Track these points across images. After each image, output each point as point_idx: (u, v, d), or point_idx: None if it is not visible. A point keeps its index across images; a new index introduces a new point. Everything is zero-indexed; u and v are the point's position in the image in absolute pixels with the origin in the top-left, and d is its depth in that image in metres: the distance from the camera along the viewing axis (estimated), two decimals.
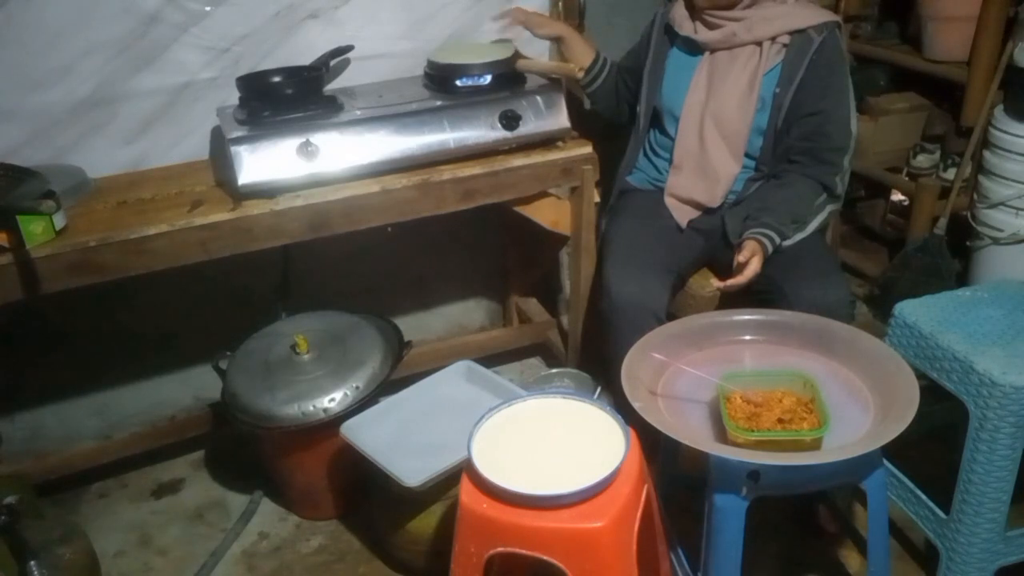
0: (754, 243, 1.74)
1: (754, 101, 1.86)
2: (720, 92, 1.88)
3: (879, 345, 1.58)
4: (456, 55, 2.02)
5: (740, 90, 1.86)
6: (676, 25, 1.93)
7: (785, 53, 1.85)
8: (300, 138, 1.79)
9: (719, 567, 1.44)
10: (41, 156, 1.86)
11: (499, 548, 1.25)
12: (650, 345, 1.59)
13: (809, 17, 1.84)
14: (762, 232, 1.76)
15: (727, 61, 1.88)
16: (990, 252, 2.38)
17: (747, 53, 1.86)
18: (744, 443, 1.35)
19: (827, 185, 1.85)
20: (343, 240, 1.89)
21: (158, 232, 1.69)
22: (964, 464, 1.56)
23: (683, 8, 1.94)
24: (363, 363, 1.91)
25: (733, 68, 1.87)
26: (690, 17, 1.93)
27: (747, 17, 1.84)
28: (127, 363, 2.21)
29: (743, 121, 1.87)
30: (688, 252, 1.94)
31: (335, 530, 2.01)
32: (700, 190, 1.93)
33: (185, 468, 2.25)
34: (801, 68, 1.83)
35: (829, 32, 1.84)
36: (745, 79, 1.86)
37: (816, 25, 1.83)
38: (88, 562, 1.73)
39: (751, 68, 1.86)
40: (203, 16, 1.90)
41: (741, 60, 1.87)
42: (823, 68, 1.83)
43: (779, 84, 1.85)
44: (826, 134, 1.84)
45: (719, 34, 1.87)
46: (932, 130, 2.77)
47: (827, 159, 1.85)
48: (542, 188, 2.02)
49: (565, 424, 1.38)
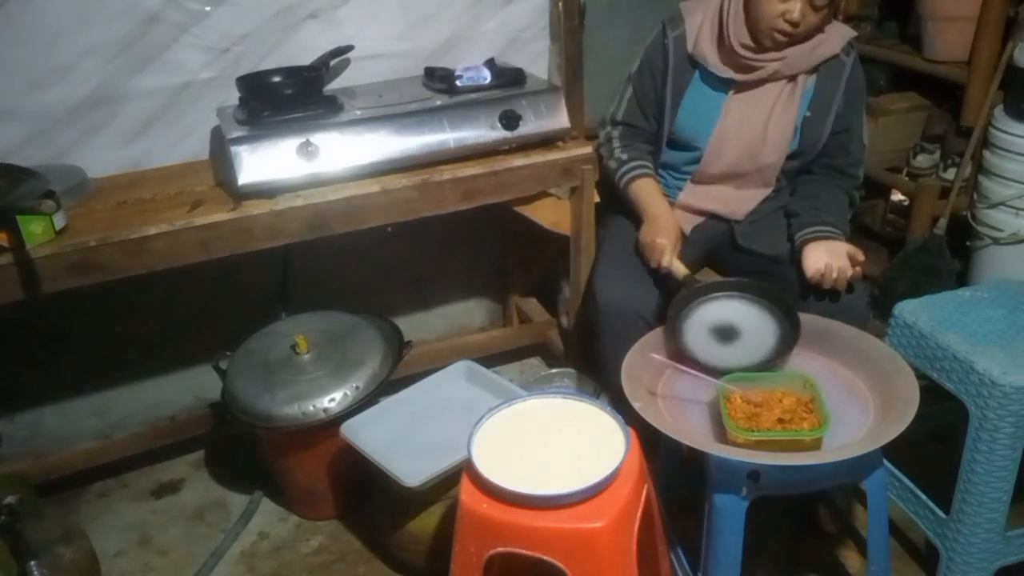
0: (842, 242, 1.74)
1: (791, 132, 1.82)
2: (755, 125, 1.82)
3: (879, 345, 1.58)
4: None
5: (780, 126, 1.81)
6: (707, 63, 1.81)
7: (816, 78, 1.81)
8: (300, 138, 1.79)
9: (719, 567, 1.44)
10: (41, 156, 1.86)
11: (499, 548, 1.25)
12: (650, 345, 1.59)
13: (838, 40, 1.79)
14: (837, 233, 1.76)
15: (759, 94, 1.81)
16: (990, 252, 2.38)
17: (779, 85, 1.80)
18: (744, 443, 1.35)
19: (851, 197, 1.89)
20: (343, 240, 1.89)
21: (158, 232, 1.69)
22: (964, 464, 1.56)
23: (709, 42, 1.81)
24: (363, 363, 1.91)
25: (767, 101, 1.81)
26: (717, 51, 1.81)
27: (787, 56, 1.76)
28: (127, 363, 2.21)
29: (781, 153, 1.85)
30: (690, 254, 1.93)
31: (335, 530, 2.01)
32: (721, 205, 1.92)
33: (185, 468, 2.25)
34: (837, 93, 1.80)
35: (854, 51, 1.82)
36: (785, 114, 1.81)
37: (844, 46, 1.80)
38: (88, 562, 1.74)
39: (789, 102, 1.80)
40: (203, 16, 1.90)
41: (773, 93, 1.80)
42: (854, 90, 1.82)
43: (810, 108, 1.81)
44: (848, 150, 1.85)
45: (761, 74, 1.78)
46: (932, 130, 2.77)
47: (849, 173, 1.88)
48: (542, 188, 2.02)
49: (565, 424, 1.38)
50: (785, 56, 1.76)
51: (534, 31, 2.25)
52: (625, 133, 1.95)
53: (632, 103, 1.94)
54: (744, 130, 1.83)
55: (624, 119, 1.95)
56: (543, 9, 2.22)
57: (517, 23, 2.22)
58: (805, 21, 1.69)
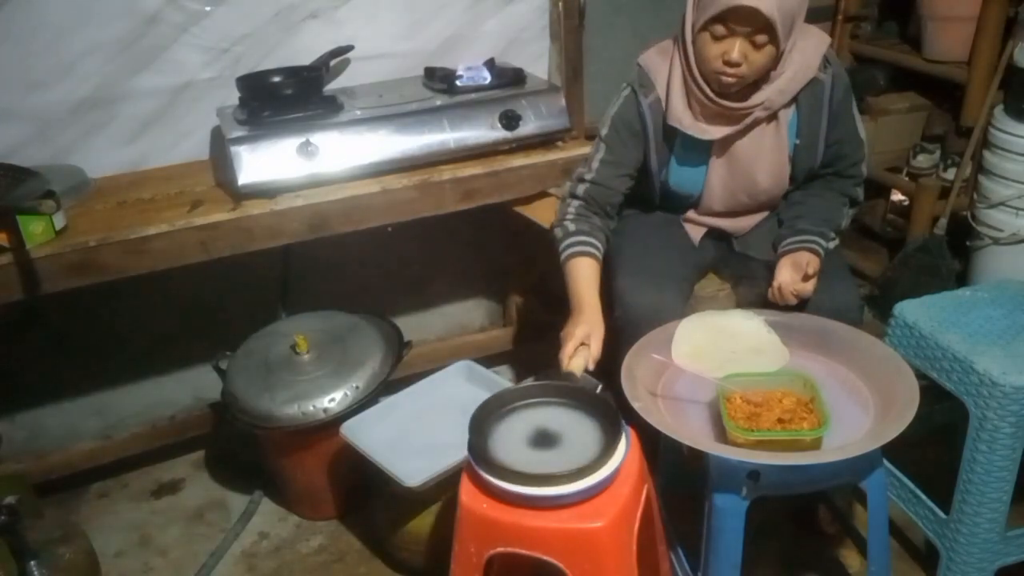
0: (809, 254, 1.70)
1: (785, 165, 1.78)
2: (747, 172, 1.77)
3: (879, 345, 1.58)
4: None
5: (770, 165, 1.77)
6: (686, 128, 1.71)
7: (796, 105, 1.74)
8: (300, 138, 1.79)
9: (719, 567, 1.44)
10: (41, 156, 1.86)
11: (499, 548, 1.25)
12: (650, 345, 1.59)
13: (812, 59, 1.69)
14: (812, 241, 1.73)
15: (744, 141, 1.75)
16: (990, 252, 2.38)
17: (761, 127, 1.74)
18: (744, 443, 1.35)
19: (850, 195, 1.86)
20: (343, 240, 1.89)
21: (158, 232, 1.70)
22: (964, 464, 1.56)
23: (681, 104, 1.71)
24: (363, 363, 1.91)
25: (753, 147, 1.74)
26: (689, 108, 1.71)
27: (765, 99, 1.67)
28: (127, 363, 2.21)
29: (779, 187, 1.82)
30: (700, 262, 1.92)
31: (335, 530, 2.01)
32: (727, 224, 1.91)
33: (185, 468, 2.25)
34: (822, 115, 1.74)
35: (832, 64, 1.74)
36: (773, 154, 1.75)
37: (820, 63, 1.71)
38: (88, 562, 1.74)
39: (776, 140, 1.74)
40: (203, 16, 1.90)
41: (757, 137, 1.74)
42: (838, 105, 1.76)
43: (798, 136, 1.76)
44: (844, 155, 1.83)
45: (742, 125, 1.69)
46: (932, 130, 2.77)
47: (849, 173, 1.85)
48: (542, 188, 2.02)
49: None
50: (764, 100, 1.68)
51: (534, 31, 2.25)
52: (588, 195, 1.81)
53: (605, 165, 1.81)
54: (736, 176, 1.79)
55: (595, 179, 1.81)
56: (543, 9, 2.22)
57: (517, 23, 2.22)
58: (748, 61, 1.59)
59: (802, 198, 1.86)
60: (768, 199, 1.85)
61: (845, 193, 1.86)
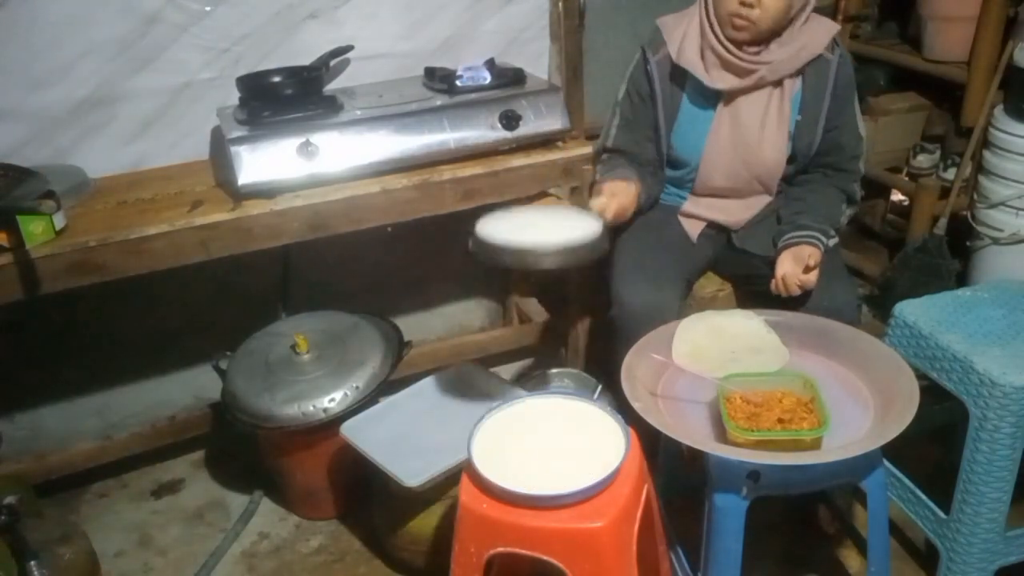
0: (810, 247, 1.73)
1: (786, 138, 1.82)
2: (749, 137, 1.81)
3: (879, 345, 1.58)
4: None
5: (772, 134, 1.80)
6: (694, 70, 1.78)
7: (803, 80, 1.80)
8: (300, 138, 1.79)
9: (719, 567, 1.44)
10: (41, 156, 1.86)
11: (499, 548, 1.25)
12: (650, 345, 1.59)
13: (822, 37, 1.77)
14: (813, 235, 1.75)
15: (748, 104, 1.80)
16: (990, 252, 2.38)
17: (767, 92, 1.79)
18: (744, 443, 1.35)
19: (848, 192, 1.88)
20: (343, 240, 1.89)
21: (158, 232, 1.69)
22: (964, 464, 1.56)
23: (694, 52, 1.79)
24: (363, 363, 1.91)
25: (757, 111, 1.80)
26: (702, 59, 1.79)
27: (772, 60, 1.75)
28: (127, 363, 2.21)
29: (778, 161, 1.84)
30: (698, 260, 1.93)
31: (335, 530, 2.01)
32: (723, 215, 1.92)
33: (185, 468, 2.25)
34: (825, 94, 1.79)
35: (840, 48, 1.80)
36: (778, 121, 1.80)
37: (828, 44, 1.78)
38: (88, 562, 1.73)
39: (780, 108, 1.79)
40: (203, 16, 1.90)
41: (763, 102, 1.79)
42: (842, 88, 1.81)
43: (801, 112, 1.81)
44: (841, 146, 1.84)
45: (747, 81, 1.76)
46: (932, 130, 2.78)
47: (846, 167, 1.86)
48: (542, 188, 2.02)
49: (565, 424, 1.38)
50: (771, 61, 1.74)
51: (534, 31, 2.25)
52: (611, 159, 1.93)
53: (621, 130, 1.91)
54: (736, 142, 1.82)
55: (614, 146, 1.92)
56: (543, 9, 2.22)
57: (517, 23, 2.22)
58: (763, 6, 1.67)
59: (802, 194, 1.87)
60: (766, 177, 1.86)
61: (843, 189, 1.86)
